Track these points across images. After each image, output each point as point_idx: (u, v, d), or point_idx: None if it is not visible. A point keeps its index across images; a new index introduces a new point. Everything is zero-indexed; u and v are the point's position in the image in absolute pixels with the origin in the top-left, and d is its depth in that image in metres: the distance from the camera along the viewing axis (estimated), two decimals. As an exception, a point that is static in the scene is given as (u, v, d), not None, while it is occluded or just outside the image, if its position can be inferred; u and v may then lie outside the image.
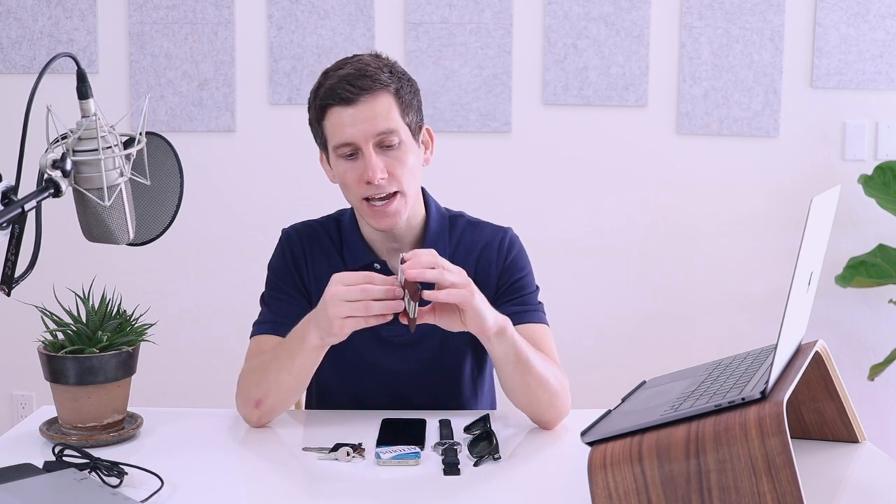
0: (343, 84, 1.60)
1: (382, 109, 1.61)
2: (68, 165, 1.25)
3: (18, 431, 1.58)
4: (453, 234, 1.76)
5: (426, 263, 1.44)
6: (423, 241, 1.73)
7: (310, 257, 1.75)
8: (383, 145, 1.62)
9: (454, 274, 1.46)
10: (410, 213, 1.69)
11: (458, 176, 2.92)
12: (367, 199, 1.63)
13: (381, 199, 1.62)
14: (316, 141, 1.70)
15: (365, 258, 1.72)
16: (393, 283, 1.44)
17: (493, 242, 1.76)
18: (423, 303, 1.46)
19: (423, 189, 1.75)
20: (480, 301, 1.48)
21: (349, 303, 1.43)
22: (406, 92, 1.65)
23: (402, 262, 1.44)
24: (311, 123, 1.69)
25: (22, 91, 1.44)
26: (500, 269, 1.74)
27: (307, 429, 1.62)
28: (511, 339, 1.53)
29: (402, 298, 1.43)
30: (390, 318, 1.45)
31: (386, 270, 1.71)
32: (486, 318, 1.48)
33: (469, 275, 1.72)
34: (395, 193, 1.62)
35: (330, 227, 1.77)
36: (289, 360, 1.55)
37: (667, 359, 2.49)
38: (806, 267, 1.22)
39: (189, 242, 3.04)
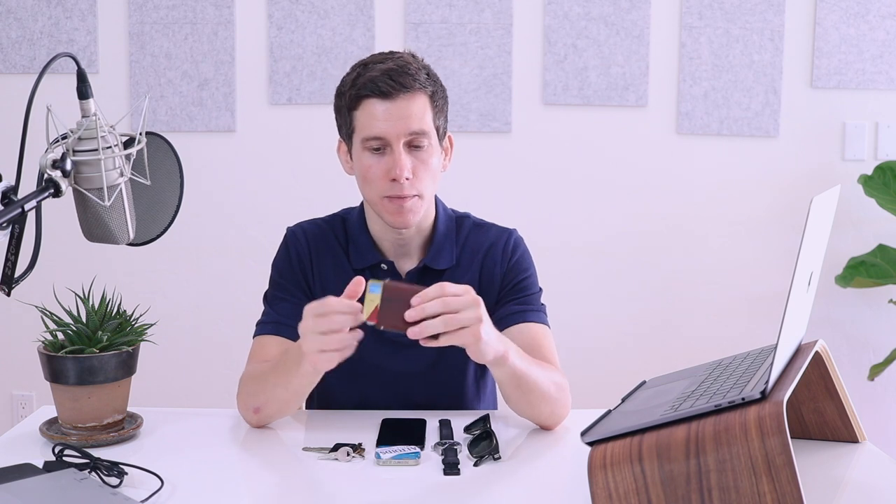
0: (384, 77, 1.59)
1: (418, 110, 1.61)
2: (68, 165, 1.25)
3: (18, 431, 1.57)
4: (459, 235, 1.76)
5: (432, 312, 1.35)
6: (430, 243, 1.73)
7: (315, 257, 1.74)
8: (412, 145, 1.62)
9: (462, 313, 1.37)
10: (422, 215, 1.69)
11: (458, 176, 2.91)
12: (387, 196, 1.63)
13: (401, 196, 1.62)
14: (340, 130, 1.70)
15: (372, 258, 1.72)
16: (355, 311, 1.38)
17: (498, 244, 1.76)
18: None
19: None
20: (486, 332, 1.42)
21: (322, 335, 1.38)
22: (439, 97, 1.66)
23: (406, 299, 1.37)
24: (338, 111, 1.68)
25: (22, 91, 1.44)
26: (504, 269, 1.75)
27: (307, 429, 1.62)
28: (511, 365, 1.49)
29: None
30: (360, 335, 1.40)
31: (393, 271, 1.71)
32: (486, 354, 1.44)
33: (474, 275, 1.73)
34: (413, 195, 1.63)
35: (336, 227, 1.77)
36: (286, 378, 1.53)
37: (667, 359, 2.49)
38: (806, 267, 1.22)
39: (189, 242, 3.04)
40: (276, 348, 1.66)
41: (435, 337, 1.38)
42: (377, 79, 1.60)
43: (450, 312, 1.36)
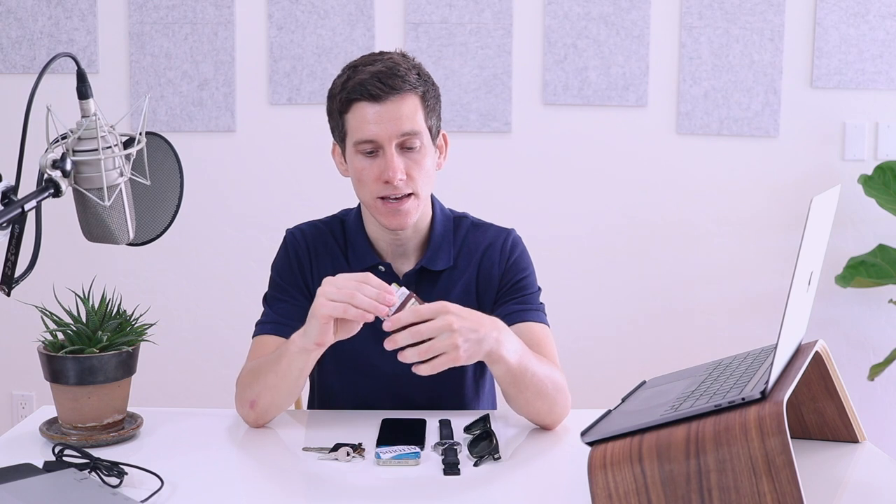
0: (374, 80, 1.59)
1: (409, 111, 1.61)
2: (68, 165, 1.25)
3: (18, 431, 1.57)
4: (457, 235, 1.76)
5: (404, 342, 1.39)
6: (427, 243, 1.73)
7: (314, 258, 1.74)
8: (405, 146, 1.62)
9: (435, 341, 1.39)
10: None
11: (458, 176, 2.92)
12: (381, 197, 1.63)
13: (396, 197, 1.62)
14: (333, 133, 1.70)
15: (370, 260, 1.72)
16: (385, 289, 1.42)
17: (496, 243, 1.76)
18: None
19: None
20: (466, 350, 1.42)
21: (334, 302, 1.40)
22: (431, 96, 1.65)
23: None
24: (330, 114, 1.68)
25: (22, 91, 1.44)
26: (503, 269, 1.75)
27: (307, 429, 1.62)
28: (505, 362, 1.49)
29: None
30: (372, 317, 1.41)
31: (391, 272, 1.71)
32: (471, 361, 1.45)
33: (472, 275, 1.73)
34: (409, 195, 1.63)
35: (335, 228, 1.77)
36: (276, 361, 1.54)
37: (667, 359, 2.49)
38: (806, 267, 1.22)
39: (189, 242, 3.04)
40: (274, 348, 1.66)
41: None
42: (366, 82, 1.60)
43: (424, 341, 1.38)
